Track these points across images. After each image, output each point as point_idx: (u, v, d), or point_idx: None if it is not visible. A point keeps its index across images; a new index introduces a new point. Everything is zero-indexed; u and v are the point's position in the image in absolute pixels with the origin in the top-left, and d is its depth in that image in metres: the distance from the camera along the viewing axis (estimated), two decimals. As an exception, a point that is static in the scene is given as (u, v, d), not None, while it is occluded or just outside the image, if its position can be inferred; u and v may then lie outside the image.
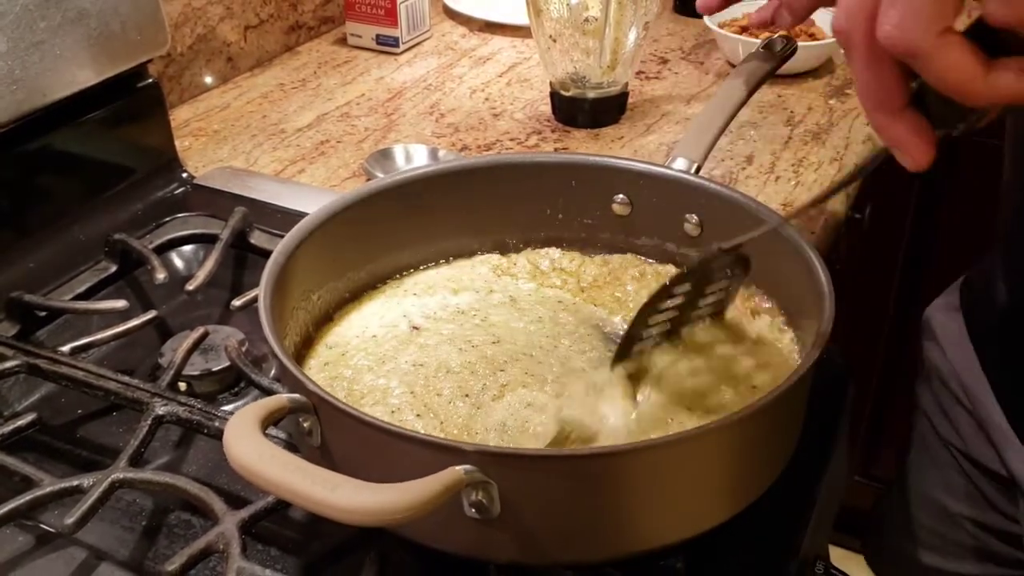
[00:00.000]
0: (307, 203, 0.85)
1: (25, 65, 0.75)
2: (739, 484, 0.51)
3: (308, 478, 0.41)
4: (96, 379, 0.64)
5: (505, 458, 0.46)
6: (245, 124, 1.06)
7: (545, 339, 0.64)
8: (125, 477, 0.57)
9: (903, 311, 1.53)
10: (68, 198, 0.84)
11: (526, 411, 0.56)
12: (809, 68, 1.14)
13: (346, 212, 0.65)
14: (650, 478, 0.47)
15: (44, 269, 0.78)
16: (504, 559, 0.50)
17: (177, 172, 0.92)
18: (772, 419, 0.50)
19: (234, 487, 0.61)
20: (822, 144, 0.99)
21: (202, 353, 0.69)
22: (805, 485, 0.61)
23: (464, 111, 1.08)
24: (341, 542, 0.57)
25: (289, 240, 0.61)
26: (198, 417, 0.61)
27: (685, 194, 0.67)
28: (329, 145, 1.01)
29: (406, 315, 0.66)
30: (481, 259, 0.72)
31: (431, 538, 0.50)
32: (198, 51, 1.10)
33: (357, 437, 0.48)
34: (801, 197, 0.90)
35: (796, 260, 0.59)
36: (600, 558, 0.51)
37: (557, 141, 1.01)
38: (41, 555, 0.56)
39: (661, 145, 1.00)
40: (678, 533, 0.50)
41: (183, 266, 0.83)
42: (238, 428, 0.44)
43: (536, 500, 0.46)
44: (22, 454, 0.61)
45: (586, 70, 1.00)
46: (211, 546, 0.52)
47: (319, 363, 0.62)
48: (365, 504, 0.41)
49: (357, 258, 0.68)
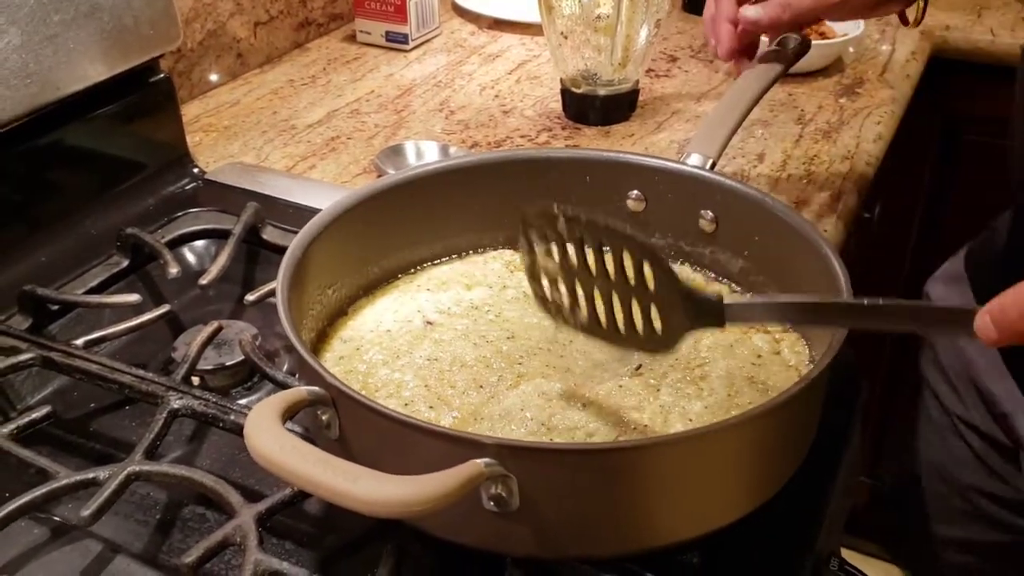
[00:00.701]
0: (319, 199, 0.85)
1: (39, 59, 0.75)
2: (758, 480, 0.51)
3: (330, 470, 0.41)
4: (111, 372, 0.64)
5: (525, 452, 0.46)
6: (255, 120, 1.06)
7: (560, 334, 0.64)
8: (141, 470, 0.57)
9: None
10: (80, 193, 0.84)
11: (540, 400, 0.56)
12: (820, 67, 1.14)
13: (360, 207, 0.65)
14: (671, 473, 0.47)
15: (56, 263, 0.78)
16: (521, 553, 0.50)
17: (188, 167, 0.92)
18: (792, 415, 0.50)
19: (249, 481, 0.61)
20: (833, 143, 0.99)
21: (215, 348, 0.69)
22: (820, 482, 0.61)
23: (474, 108, 1.08)
24: (357, 535, 0.57)
25: (305, 234, 0.61)
26: (213, 411, 0.61)
27: (700, 190, 0.67)
28: (339, 141, 1.01)
29: (420, 310, 0.66)
30: (494, 255, 0.72)
31: (449, 531, 0.50)
32: (208, 47, 1.10)
33: (376, 430, 0.48)
34: (813, 195, 0.90)
35: (811, 257, 0.59)
36: (617, 553, 0.51)
37: (568, 138, 1.01)
38: (56, 547, 0.56)
39: (672, 143, 1.00)
40: (697, 529, 0.50)
41: (195, 261, 0.83)
42: (259, 420, 0.44)
43: (555, 494, 0.46)
44: (36, 447, 0.61)
45: (597, 67, 1.00)
46: (228, 539, 0.52)
47: (334, 357, 0.62)
48: (386, 496, 0.41)
49: (371, 253, 0.68)
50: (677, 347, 0.52)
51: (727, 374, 0.59)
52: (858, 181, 0.93)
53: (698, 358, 0.60)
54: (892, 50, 1.22)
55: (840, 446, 0.65)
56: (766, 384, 0.58)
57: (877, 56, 1.20)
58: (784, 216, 0.62)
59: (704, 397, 0.57)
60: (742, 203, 0.65)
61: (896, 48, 1.22)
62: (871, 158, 0.98)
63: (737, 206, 0.65)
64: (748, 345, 0.62)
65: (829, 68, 1.15)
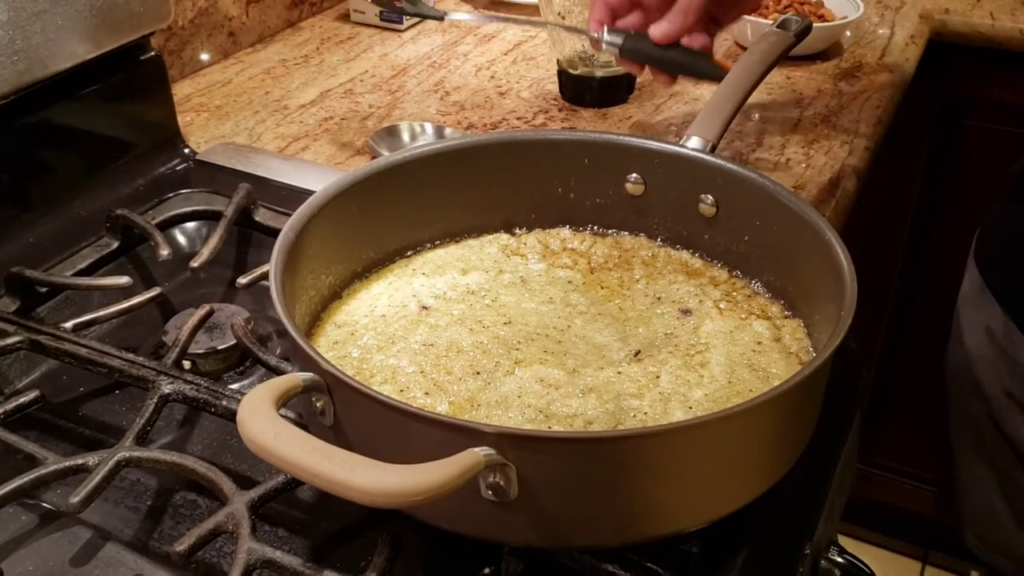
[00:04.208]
0: (312, 181, 0.84)
1: (26, 35, 0.73)
2: (760, 468, 0.50)
3: (327, 459, 0.40)
4: (100, 356, 0.63)
5: (525, 440, 0.45)
6: (247, 100, 1.04)
7: (558, 319, 0.63)
8: (132, 456, 0.56)
9: (905, 297, 1.53)
10: (69, 172, 0.82)
11: (538, 386, 0.55)
12: (818, 50, 1.13)
13: (355, 189, 0.64)
14: (672, 462, 0.46)
15: (45, 244, 0.77)
16: (519, 542, 0.49)
17: (179, 147, 0.90)
18: (795, 403, 0.50)
19: (241, 467, 0.60)
20: (832, 126, 0.98)
21: (207, 331, 0.68)
22: (820, 470, 0.61)
23: (470, 89, 1.06)
24: (351, 523, 0.56)
25: (299, 216, 0.59)
26: (205, 395, 0.60)
27: (701, 173, 0.66)
28: (333, 122, 1.00)
29: (415, 295, 0.65)
30: (490, 238, 0.71)
31: (446, 520, 0.49)
32: (200, 25, 1.08)
33: (372, 417, 0.47)
34: (812, 179, 0.90)
35: (814, 242, 0.58)
36: (617, 542, 0.50)
37: (564, 120, 1.00)
38: (45, 534, 0.55)
39: (670, 125, 0.99)
40: (697, 519, 0.50)
41: (186, 243, 0.82)
42: (253, 407, 0.43)
43: (555, 483, 0.45)
44: (24, 432, 0.60)
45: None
46: (220, 526, 0.51)
47: (328, 342, 0.61)
48: (384, 485, 0.40)
49: (365, 236, 0.67)
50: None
51: (727, 361, 0.58)
52: (857, 165, 0.93)
53: (698, 344, 0.60)
54: (891, 34, 1.21)
55: (840, 434, 0.64)
56: (767, 371, 0.58)
57: (876, 40, 1.19)
58: (786, 200, 0.61)
59: (704, 384, 0.56)
60: (743, 187, 0.64)
61: (895, 32, 1.21)
62: (870, 142, 0.97)
63: (738, 190, 0.65)
64: (749, 331, 0.61)
65: (828, 52, 1.14)
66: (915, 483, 1.65)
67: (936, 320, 1.52)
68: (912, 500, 1.66)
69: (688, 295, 0.65)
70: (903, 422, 1.63)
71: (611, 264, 0.69)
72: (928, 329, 1.53)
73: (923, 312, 1.52)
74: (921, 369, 1.57)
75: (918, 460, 1.63)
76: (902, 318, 1.54)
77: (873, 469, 1.67)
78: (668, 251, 0.69)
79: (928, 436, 1.61)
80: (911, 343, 1.56)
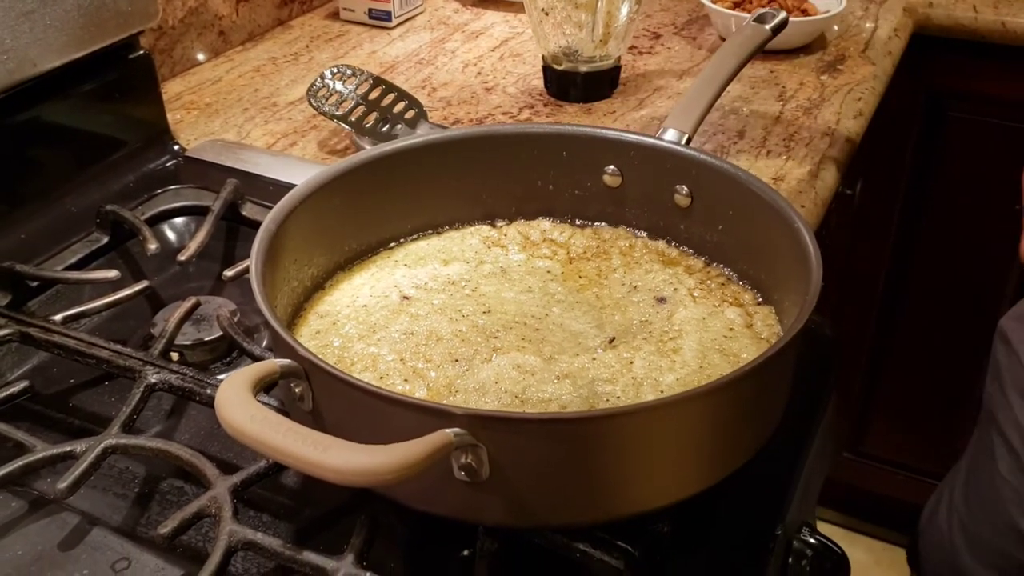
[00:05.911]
0: (299, 176, 0.84)
1: (15, 34, 0.75)
2: (727, 448, 0.52)
3: (300, 440, 0.42)
4: (88, 347, 0.64)
5: (494, 421, 0.46)
6: (237, 97, 1.05)
7: (536, 308, 0.64)
8: (118, 443, 0.57)
9: (893, 287, 1.54)
10: (59, 169, 0.84)
11: (514, 372, 0.57)
12: (801, 44, 1.14)
13: (337, 181, 0.65)
14: (639, 441, 0.47)
15: (35, 240, 0.78)
16: (493, 522, 0.51)
17: (169, 144, 0.92)
18: (761, 384, 0.51)
19: (226, 455, 0.61)
20: (813, 119, 1.00)
21: (194, 323, 0.70)
22: (792, 453, 0.62)
23: (456, 85, 1.08)
24: (333, 508, 0.57)
25: (280, 209, 0.61)
26: (190, 385, 0.61)
27: (676, 165, 0.67)
28: (321, 118, 1.01)
29: (396, 285, 0.66)
30: (471, 230, 0.72)
31: (421, 501, 0.50)
32: (190, 24, 1.10)
33: (348, 401, 0.48)
34: (792, 172, 0.91)
35: (784, 231, 0.59)
36: (588, 521, 0.51)
37: (549, 115, 1.01)
38: (34, 520, 0.56)
39: (653, 119, 1.00)
40: (667, 497, 0.51)
41: (175, 238, 0.83)
42: (230, 391, 0.44)
43: (525, 463, 0.47)
44: (14, 422, 0.61)
45: (578, 44, 1.00)
46: (203, 510, 0.53)
47: (310, 331, 0.62)
48: (356, 464, 0.41)
49: (348, 228, 0.68)
50: None
51: (699, 346, 0.59)
52: (837, 158, 0.94)
53: (671, 331, 0.61)
54: (875, 27, 1.22)
55: (813, 415, 0.65)
56: (738, 356, 0.59)
57: (860, 33, 1.20)
58: (757, 190, 0.63)
59: (676, 369, 0.57)
60: (716, 178, 0.65)
61: (879, 25, 1.23)
62: (851, 134, 0.98)
63: (711, 181, 0.66)
64: (721, 318, 0.62)
65: (811, 45, 1.15)
66: (908, 474, 1.66)
67: (924, 312, 1.54)
68: (904, 491, 1.67)
69: (663, 283, 0.66)
70: (895, 414, 1.64)
71: (589, 254, 0.70)
72: (916, 321, 1.55)
73: (911, 304, 1.54)
74: (909, 361, 1.59)
75: (910, 452, 1.65)
76: (892, 312, 1.56)
77: (866, 460, 1.68)
78: (645, 241, 0.71)
79: (919, 429, 1.63)
80: (900, 335, 1.57)
